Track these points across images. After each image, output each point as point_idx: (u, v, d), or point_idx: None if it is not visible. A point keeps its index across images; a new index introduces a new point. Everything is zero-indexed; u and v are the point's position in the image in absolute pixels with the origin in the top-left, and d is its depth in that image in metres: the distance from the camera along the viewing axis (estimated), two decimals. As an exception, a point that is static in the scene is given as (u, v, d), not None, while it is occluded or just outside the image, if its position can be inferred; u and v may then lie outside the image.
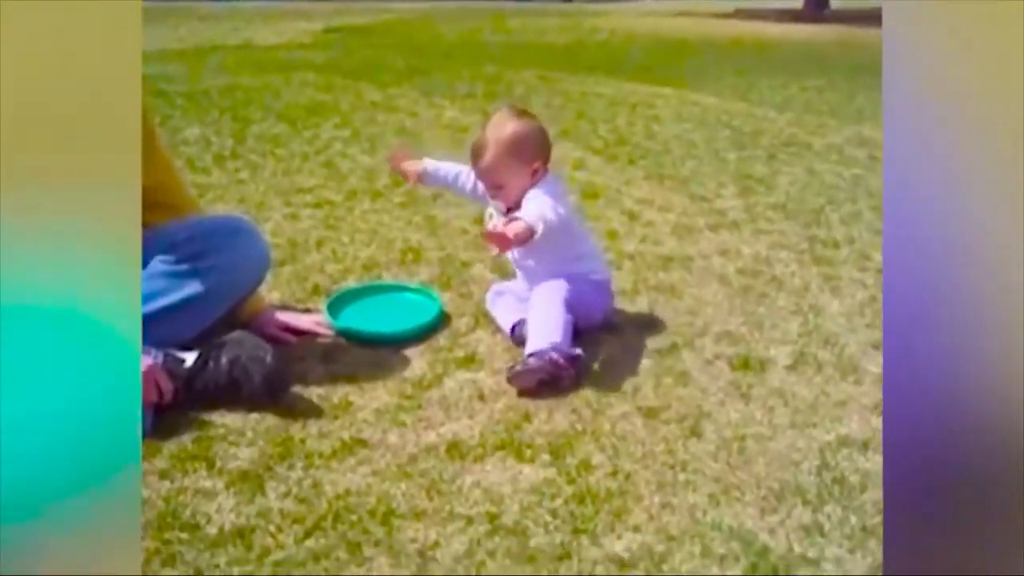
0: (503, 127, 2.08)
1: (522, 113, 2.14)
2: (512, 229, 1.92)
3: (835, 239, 2.89)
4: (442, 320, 2.24)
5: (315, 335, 2.13)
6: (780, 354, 2.07)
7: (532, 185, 2.08)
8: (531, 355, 1.88)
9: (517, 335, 2.08)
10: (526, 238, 1.93)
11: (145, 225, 1.99)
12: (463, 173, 2.26)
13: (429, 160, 2.32)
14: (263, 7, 14.86)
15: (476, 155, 2.10)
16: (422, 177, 2.30)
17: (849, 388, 1.91)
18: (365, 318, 2.23)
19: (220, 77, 6.56)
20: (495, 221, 2.13)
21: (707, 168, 3.92)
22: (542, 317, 1.99)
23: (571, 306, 2.02)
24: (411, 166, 2.31)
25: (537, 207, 1.98)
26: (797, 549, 1.39)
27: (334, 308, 2.26)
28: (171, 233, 1.92)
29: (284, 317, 2.15)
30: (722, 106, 5.56)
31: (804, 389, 1.91)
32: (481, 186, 2.19)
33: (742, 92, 6.21)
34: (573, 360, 1.90)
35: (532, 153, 2.08)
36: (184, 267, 1.89)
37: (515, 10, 14.12)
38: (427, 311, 2.25)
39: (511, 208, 2.11)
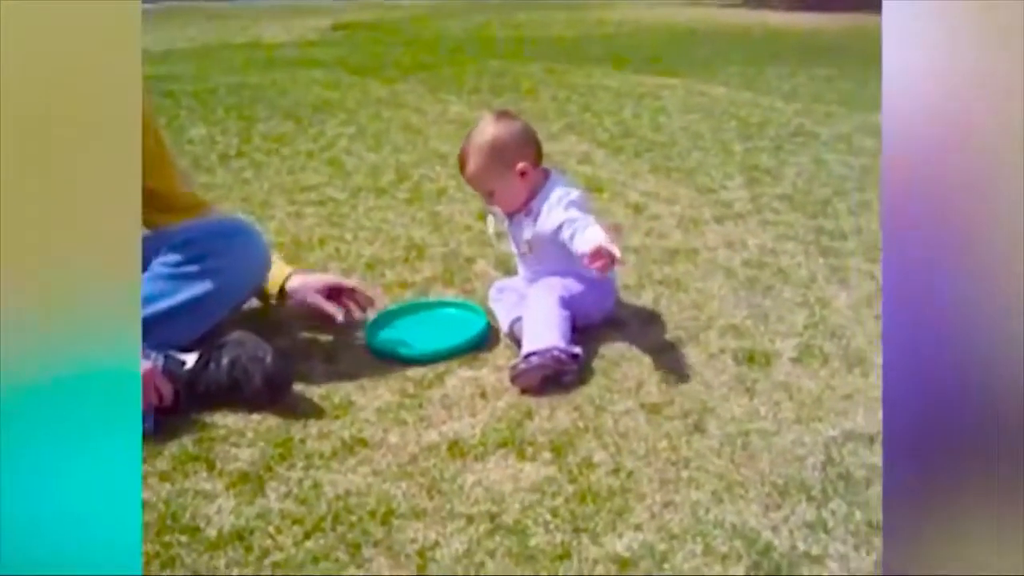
0: (483, 133, 2.07)
1: (502, 115, 2.13)
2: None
3: (843, 230, 2.86)
4: (488, 335, 2.12)
5: (361, 306, 2.17)
6: (786, 347, 2.05)
7: (525, 186, 2.07)
8: (532, 354, 1.86)
9: (513, 332, 2.05)
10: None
11: (152, 226, 2.03)
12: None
13: None
14: (273, 5, 14.86)
15: (461, 165, 2.11)
16: None
17: (856, 381, 1.88)
18: (407, 337, 2.11)
19: (228, 76, 6.56)
20: (493, 227, 2.20)
21: (713, 159, 3.88)
22: (539, 316, 1.97)
23: (569, 303, 2.01)
24: None
25: (595, 231, 1.88)
26: (801, 547, 1.37)
27: (373, 330, 2.15)
28: (170, 236, 1.93)
29: (317, 279, 2.17)
30: (729, 96, 5.52)
31: (810, 382, 1.89)
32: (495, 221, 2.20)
33: (749, 81, 6.16)
34: (575, 357, 1.89)
35: (514, 154, 2.05)
36: (184, 270, 1.89)
37: (523, 4, 14.06)
38: (472, 326, 2.13)
39: (512, 212, 2.12)
